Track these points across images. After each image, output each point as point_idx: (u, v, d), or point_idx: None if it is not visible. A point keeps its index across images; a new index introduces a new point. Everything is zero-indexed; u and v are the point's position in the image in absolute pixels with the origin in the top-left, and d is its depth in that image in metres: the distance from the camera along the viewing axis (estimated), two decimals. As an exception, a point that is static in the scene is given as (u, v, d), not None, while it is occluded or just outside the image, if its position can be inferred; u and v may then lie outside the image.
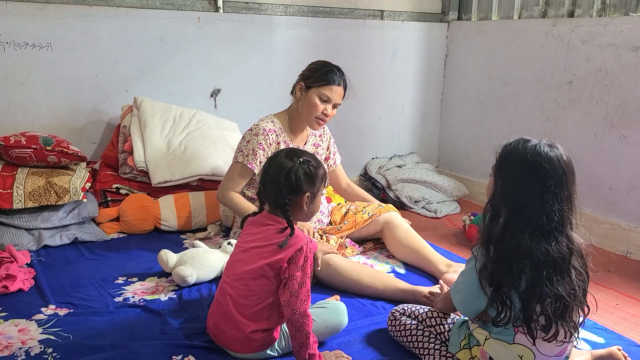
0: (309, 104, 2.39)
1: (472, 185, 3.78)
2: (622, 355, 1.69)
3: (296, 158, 1.68)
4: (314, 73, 2.40)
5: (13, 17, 2.75)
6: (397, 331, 1.80)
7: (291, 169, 1.65)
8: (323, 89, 2.38)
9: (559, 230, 1.44)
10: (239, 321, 1.64)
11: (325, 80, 2.38)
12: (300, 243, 1.62)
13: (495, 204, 1.50)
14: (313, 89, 2.38)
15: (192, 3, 3.16)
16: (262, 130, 2.43)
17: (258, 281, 1.63)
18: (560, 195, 1.43)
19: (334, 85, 2.39)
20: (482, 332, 1.58)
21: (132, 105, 3.03)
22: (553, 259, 1.43)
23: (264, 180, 1.71)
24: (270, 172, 1.68)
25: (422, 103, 4.05)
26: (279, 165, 1.67)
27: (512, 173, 1.47)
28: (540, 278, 1.43)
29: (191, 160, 2.88)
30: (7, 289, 2.06)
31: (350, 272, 2.17)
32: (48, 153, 2.62)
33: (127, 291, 2.14)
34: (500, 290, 1.46)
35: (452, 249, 2.82)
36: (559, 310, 1.44)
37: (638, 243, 2.85)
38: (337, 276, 2.18)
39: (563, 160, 1.45)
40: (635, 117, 2.86)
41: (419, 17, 3.90)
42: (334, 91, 2.39)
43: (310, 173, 1.67)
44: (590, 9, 3.12)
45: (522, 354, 1.50)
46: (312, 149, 2.60)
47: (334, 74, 2.40)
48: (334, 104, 2.42)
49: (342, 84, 2.42)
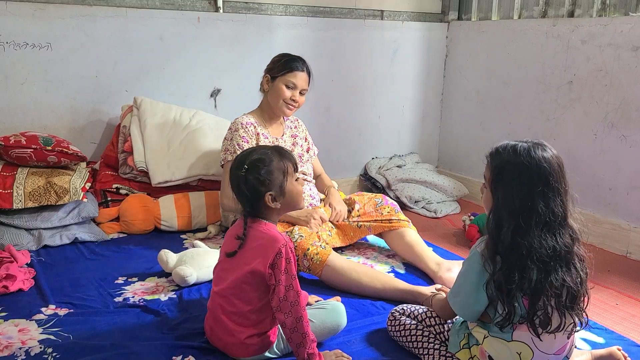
0: (277, 92, 2.53)
1: (472, 185, 3.78)
2: (622, 355, 1.69)
3: (242, 167, 1.63)
4: (276, 64, 2.55)
5: (13, 17, 2.75)
6: (396, 331, 1.80)
7: (240, 180, 1.63)
8: (287, 76, 2.52)
9: (562, 224, 1.48)
10: (233, 329, 1.65)
11: (289, 68, 2.52)
12: (278, 246, 1.59)
13: (498, 214, 1.50)
14: (278, 79, 2.53)
15: (192, 3, 3.16)
16: (240, 124, 2.54)
17: (244, 288, 1.63)
18: (560, 189, 1.47)
19: (297, 72, 2.52)
20: (481, 331, 1.58)
21: (132, 105, 3.03)
22: (560, 253, 1.46)
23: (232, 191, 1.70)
24: (231, 183, 1.68)
25: (422, 103, 4.05)
26: (232, 177, 1.66)
27: (512, 182, 1.48)
28: (548, 275, 1.45)
29: (191, 160, 2.88)
30: (7, 289, 2.06)
31: (349, 273, 2.18)
32: (48, 153, 2.62)
33: (127, 291, 2.14)
34: (509, 295, 1.46)
35: (452, 249, 2.82)
36: (567, 300, 1.46)
37: (638, 243, 2.85)
38: (337, 276, 2.19)
39: (555, 155, 1.50)
40: (635, 117, 2.86)
41: (419, 17, 3.90)
42: (298, 77, 2.52)
43: (261, 176, 1.62)
44: (590, 9, 3.12)
45: (521, 351, 1.51)
46: (290, 139, 2.69)
47: (296, 61, 2.54)
48: (300, 90, 2.54)
49: (305, 70, 2.55)
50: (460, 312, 1.62)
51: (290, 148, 2.67)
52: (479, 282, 1.52)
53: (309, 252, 2.21)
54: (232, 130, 2.56)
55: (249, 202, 1.65)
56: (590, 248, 1.56)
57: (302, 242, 2.24)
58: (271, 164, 1.65)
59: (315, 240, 2.28)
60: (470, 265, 1.55)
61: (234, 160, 1.69)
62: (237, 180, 1.64)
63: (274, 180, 1.64)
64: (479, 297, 1.52)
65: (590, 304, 1.46)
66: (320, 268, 2.20)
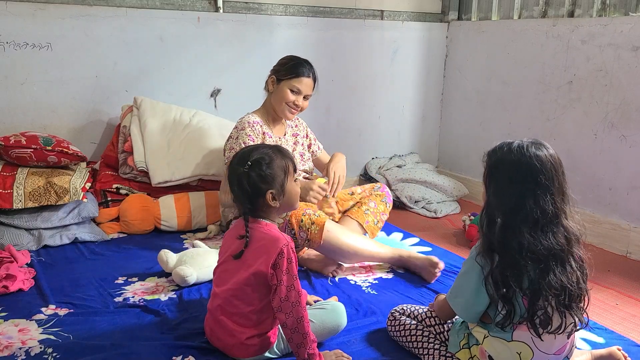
0: (281, 95, 2.52)
1: (472, 185, 3.78)
2: (622, 355, 1.69)
3: (244, 163, 1.63)
4: (283, 67, 2.55)
5: (13, 17, 2.75)
6: (396, 331, 1.80)
7: (242, 176, 1.62)
8: (293, 81, 2.51)
9: (554, 223, 1.48)
10: (233, 329, 1.65)
11: (295, 73, 2.51)
12: (280, 246, 1.59)
13: (490, 210, 1.52)
14: (283, 82, 2.52)
15: (192, 3, 3.16)
16: (247, 123, 2.52)
17: (246, 290, 1.63)
18: (551, 188, 1.47)
19: (303, 77, 2.51)
20: (481, 331, 1.58)
21: (132, 105, 3.03)
22: (554, 252, 1.46)
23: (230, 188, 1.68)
24: (229, 180, 1.67)
25: (422, 103, 4.05)
26: (232, 173, 1.65)
27: (503, 177, 1.50)
28: (543, 274, 1.45)
29: (191, 160, 2.88)
30: (7, 289, 2.06)
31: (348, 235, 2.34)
32: (48, 153, 2.62)
33: (127, 291, 2.14)
34: (507, 294, 1.47)
35: (452, 249, 2.82)
36: (564, 300, 1.47)
37: (638, 243, 2.85)
38: (337, 242, 2.28)
39: (550, 154, 1.50)
40: (635, 117, 2.86)
41: (419, 17, 3.90)
42: (303, 83, 2.52)
43: (263, 173, 1.62)
44: (590, 9, 3.12)
45: (521, 350, 1.51)
46: (291, 139, 2.70)
47: (303, 66, 2.53)
48: (304, 95, 2.55)
49: (311, 76, 2.55)
50: (461, 313, 1.62)
51: (292, 147, 2.67)
52: (479, 283, 1.52)
53: (303, 223, 2.24)
54: (238, 128, 2.54)
55: (249, 200, 1.64)
56: (590, 248, 1.56)
57: (293, 213, 2.26)
58: (273, 162, 1.65)
59: (306, 209, 2.30)
60: (471, 265, 1.55)
61: (235, 157, 1.69)
62: (239, 177, 1.63)
63: (276, 178, 1.64)
64: (480, 297, 1.52)
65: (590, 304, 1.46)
66: (320, 235, 2.24)
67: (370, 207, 2.64)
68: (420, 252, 2.64)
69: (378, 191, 2.71)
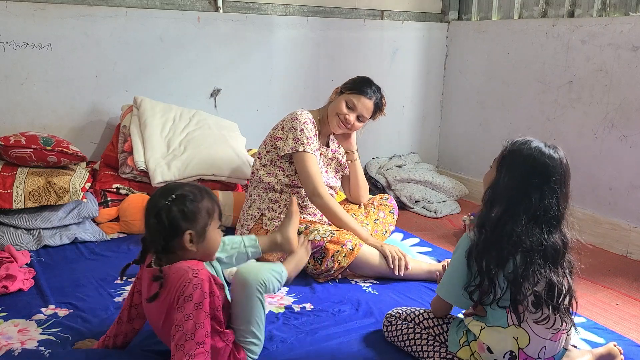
0: (336, 105, 2.48)
1: (472, 185, 3.78)
2: (617, 350, 1.71)
3: (168, 195, 1.48)
4: (351, 81, 2.51)
5: (13, 17, 2.75)
6: (393, 336, 1.79)
7: (162, 209, 1.46)
8: (352, 96, 2.45)
9: (553, 224, 1.54)
10: None
11: (357, 89, 2.46)
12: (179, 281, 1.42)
13: (495, 192, 1.59)
14: (344, 94, 2.48)
15: (192, 3, 3.16)
16: (308, 119, 2.44)
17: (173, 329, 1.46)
18: (558, 192, 1.54)
19: (362, 96, 2.45)
20: (477, 324, 1.61)
21: (132, 105, 3.03)
22: (545, 248, 1.52)
23: (145, 221, 1.52)
24: (146, 211, 1.50)
25: (422, 103, 4.05)
26: (152, 204, 1.49)
27: (516, 166, 1.56)
28: (530, 263, 1.51)
29: (191, 161, 2.87)
30: (7, 289, 2.05)
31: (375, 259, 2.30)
32: (48, 153, 2.62)
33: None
34: (487, 269, 1.54)
35: (452, 249, 2.80)
36: (550, 294, 1.51)
37: (638, 243, 2.85)
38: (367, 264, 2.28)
39: (564, 161, 1.57)
40: (635, 117, 2.86)
41: (419, 17, 3.90)
42: (361, 101, 2.45)
43: (186, 209, 1.47)
44: (590, 9, 3.12)
45: (517, 335, 1.55)
46: (330, 154, 2.63)
47: (368, 87, 2.47)
48: (358, 115, 2.47)
49: (373, 99, 2.47)
50: (446, 294, 1.65)
51: (327, 162, 2.61)
52: (463, 256, 1.59)
53: (338, 254, 2.22)
54: (300, 122, 2.40)
55: (163, 237, 1.47)
56: (590, 248, 1.57)
57: (334, 239, 2.23)
58: (201, 202, 1.51)
59: (347, 241, 2.25)
60: (460, 244, 1.63)
61: (159, 189, 1.55)
62: (158, 209, 1.47)
63: (199, 218, 1.50)
64: (459, 271, 1.59)
65: (590, 304, 1.47)
66: (346, 263, 2.24)
67: (379, 217, 2.64)
68: (420, 252, 2.65)
69: (387, 202, 2.71)
